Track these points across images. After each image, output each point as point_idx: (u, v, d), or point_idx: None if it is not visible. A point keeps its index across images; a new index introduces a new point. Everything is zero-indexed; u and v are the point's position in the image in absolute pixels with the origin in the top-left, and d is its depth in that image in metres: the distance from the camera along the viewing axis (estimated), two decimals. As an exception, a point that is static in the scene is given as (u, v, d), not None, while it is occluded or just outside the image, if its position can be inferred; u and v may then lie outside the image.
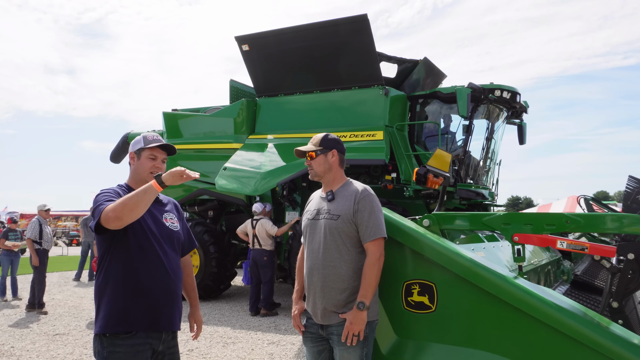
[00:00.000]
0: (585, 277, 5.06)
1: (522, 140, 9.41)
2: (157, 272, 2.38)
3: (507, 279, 2.32)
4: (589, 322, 2.15)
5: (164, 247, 2.45)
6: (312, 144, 2.69)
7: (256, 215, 8.12)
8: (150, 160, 2.51)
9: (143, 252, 2.36)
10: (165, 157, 2.57)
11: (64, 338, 6.38)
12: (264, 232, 7.94)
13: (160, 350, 2.42)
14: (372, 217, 2.50)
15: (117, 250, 2.36)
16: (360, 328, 2.43)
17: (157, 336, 2.39)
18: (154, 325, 2.38)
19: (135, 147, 2.53)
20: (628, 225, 2.54)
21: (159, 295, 2.39)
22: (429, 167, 3.38)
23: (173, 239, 2.52)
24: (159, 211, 2.53)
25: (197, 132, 9.54)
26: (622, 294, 3.02)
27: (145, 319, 2.36)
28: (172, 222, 2.56)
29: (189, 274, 2.74)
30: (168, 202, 2.66)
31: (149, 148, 2.50)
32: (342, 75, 8.23)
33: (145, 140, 2.51)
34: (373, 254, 2.47)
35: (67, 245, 26.72)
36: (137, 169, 2.52)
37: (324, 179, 2.68)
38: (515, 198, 70.12)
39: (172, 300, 2.46)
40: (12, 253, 9.67)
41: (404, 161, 7.83)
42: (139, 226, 2.36)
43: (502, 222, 2.71)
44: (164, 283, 2.41)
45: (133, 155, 2.53)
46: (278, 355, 5.65)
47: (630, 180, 4.47)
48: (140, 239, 2.37)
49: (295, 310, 2.74)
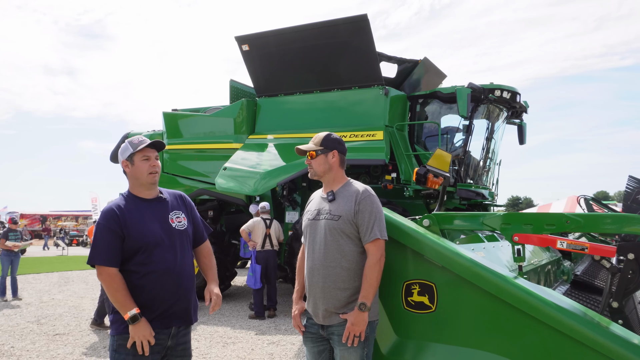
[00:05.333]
0: (585, 277, 5.06)
1: (522, 140, 9.41)
2: (167, 281, 2.45)
3: (507, 279, 2.32)
4: (589, 322, 2.15)
5: (173, 250, 2.50)
6: (313, 143, 2.68)
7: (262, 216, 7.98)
8: (144, 162, 2.53)
9: (154, 265, 2.43)
10: (156, 154, 2.58)
11: (64, 338, 6.38)
12: (275, 232, 7.87)
13: (170, 345, 2.48)
14: (373, 218, 2.49)
15: (129, 265, 2.44)
16: (361, 329, 2.43)
17: (166, 332, 2.46)
18: (164, 324, 2.46)
19: (125, 154, 2.55)
20: (628, 225, 2.54)
21: (169, 301, 2.46)
22: (429, 167, 3.38)
23: (183, 238, 2.57)
24: (165, 212, 2.57)
25: (197, 132, 9.53)
26: (622, 294, 3.01)
27: (158, 323, 2.44)
28: (179, 220, 2.59)
29: (205, 256, 2.78)
30: (173, 197, 2.67)
31: (139, 151, 2.52)
32: (342, 75, 8.22)
33: (133, 144, 2.53)
34: (374, 255, 2.47)
35: (67, 245, 26.70)
36: (135, 174, 2.54)
37: (323, 179, 2.67)
38: (515, 198, 70.14)
39: (184, 298, 2.53)
40: (12, 253, 9.68)
41: (404, 161, 7.82)
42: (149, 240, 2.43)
43: (502, 222, 2.71)
44: (174, 287, 2.48)
45: (126, 163, 2.55)
46: (278, 355, 5.65)
47: (630, 180, 4.48)
48: (148, 254, 2.43)
49: (296, 310, 2.74)
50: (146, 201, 2.55)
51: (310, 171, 2.69)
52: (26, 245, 10.38)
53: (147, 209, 2.53)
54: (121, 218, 2.43)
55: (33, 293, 10.21)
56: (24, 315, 7.89)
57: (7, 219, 11.00)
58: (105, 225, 2.42)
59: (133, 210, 2.49)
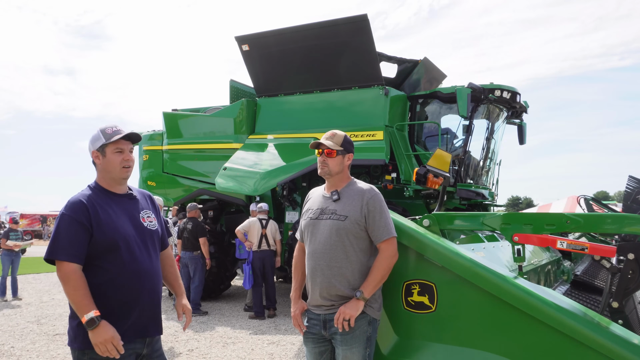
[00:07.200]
0: (585, 277, 5.05)
1: (522, 140, 9.41)
2: (143, 282, 2.28)
3: (507, 279, 2.32)
4: (589, 322, 2.15)
5: (146, 251, 2.35)
6: (332, 141, 2.63)
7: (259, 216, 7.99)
8: (117, 154, 2.32)
9: (126, 266, 2.25)
10: (131, 147, 2.38)
11: (64, 338, 6.37)
12: (271, 232, 7.88)
13: (145, 354, 2.34)
14: (383, 216, 2.50)
15: (97, 266, 2.23)
16: (352, 314, 2.41)
17: (141, 341, 2.32)
18: (142, 333, 2.32)
19: (96, 144, 2.33)
20: (628, 225, 2.54)
21: (145, 304, 2.30)
22: (429, 167, 3.38)
23: (154, 239, 2.43)
24: (136, 210, 2.40)
25: (197, 132, 9.54)
26: (622, 294, 3.01)
27: (135, 331, 2.28)
28: (150, 220, 2.44)
29: (171, 265, 2.63)
30: (142, 196, 2.50)
31: (112, 142, 2.31)
32: (342, 75, 8.22)
33: (105, 134, 2.31)
34: (386, 251, 2.47)
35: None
36: (106, 167, 2.33)
37: (332, 178, 2.64)
38: (515, 198, 70.12)
39: (157, 304, 2.40)
40: (12, 253, 9.69)
41: (404, 161, 7.82)
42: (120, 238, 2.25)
43: (502, 222, 2.71)
44: (150, 290, 2.32)
45: (96, 153, 2.33)
46: (278, 355, 5.65)
47: (630, 180, 4.47)
48: (124, 253, 2.25)
49: (296, 310, 2.71)
50: (117, 196, 2.36)
51: (323, 169, 2.64)
52: (27, 245, 10.39)
53: (118, 205, 2.34)
54: (91, 211, 2.22)
55: (33, 293, 10.21)
56: (24, 315, 7.89)
57: (8, 219, 11.01)
58: (72, 217, 2.19)
59: (103, 204, 2.28)
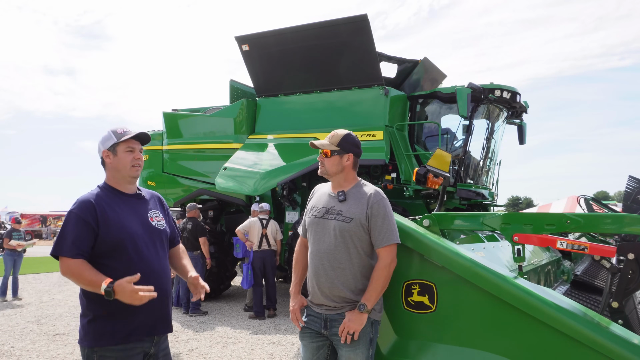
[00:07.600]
0: (585, 277, 5.05)
1: (522, 140, 9.41)
2: (151, 281, 2.28)
3: (507, 279, 2.32)
4: (589, 322, 2.15)
5: (154, 250, 2.38)
6: (330, 140, 2.61)
7: (260, 216, 7.99)
8: (128, 153, 2.38)
9: (134, 265, 2.26)
10: (141, 147, 2.44)
11: (64, 338, 6.38)
12: (272, 232, 7.88)
13: (153, 353, 2.36)
14: (386, 222, 2.47)
15: (107, 263, 2.26)
16: (356, 328, 2.41)
17: (149, 339, 2.35)
18: (151, 332, 2.34)
19: (107, 144, 2.39)
20: (628, 225, 2.54)
21: (154, 303, 2.29)
22: (429, 167, 3.37)
23: (162, 238, 2.46)
24: (144, 210, 2.45)
25: (197, 132, 9.54)
26: (622, 294, 3.01)
27: (143, 330, 2.31)
28: (158, 219, 2.48)
29: (184, 255, 2.67)
30: (151, 197, 2.55)
31: (124, 141, 2.37)
32: (342, 75, 8.22)
33: (117, 134, 2.38)
34: (384, 259, 2.45)
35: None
36: (116, 166, 2.38)
37: (333, 179, 2.62)
38: (515, 198, 70.12)
39: (166, 303, 2.42)
40: (15, 253, 9.71)
41: (404, 161, 7.82)
42: (128, 237, 2.29)
43: (502, 222, 2.71)
44: (158, 289, 2.31)
45: (107, 153, 2.39)
46: (278, 355, 5.65)
47: (630, 180, 4.47)
48: (131, 252, 2.28)
49: (295, 304, 2.70)
50: (126, 195, 2.41)
51: (321, 169, 2.63)
52: (29, 245, 10.42)
53: (127, 204, 2.39)
54: (98, 211, 2.26)
55: (33, 293, 10.21)
56: (24, 315, 7.89)
57: (11, 219, 11.06)
58: (79, 216, 2.23)
59: (112, 203, 2.33)
